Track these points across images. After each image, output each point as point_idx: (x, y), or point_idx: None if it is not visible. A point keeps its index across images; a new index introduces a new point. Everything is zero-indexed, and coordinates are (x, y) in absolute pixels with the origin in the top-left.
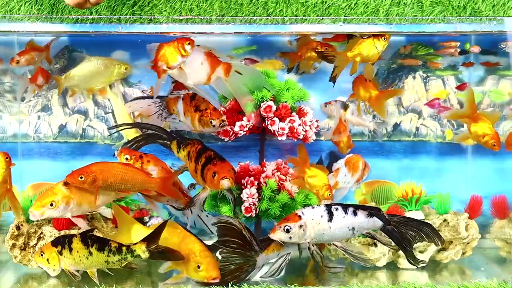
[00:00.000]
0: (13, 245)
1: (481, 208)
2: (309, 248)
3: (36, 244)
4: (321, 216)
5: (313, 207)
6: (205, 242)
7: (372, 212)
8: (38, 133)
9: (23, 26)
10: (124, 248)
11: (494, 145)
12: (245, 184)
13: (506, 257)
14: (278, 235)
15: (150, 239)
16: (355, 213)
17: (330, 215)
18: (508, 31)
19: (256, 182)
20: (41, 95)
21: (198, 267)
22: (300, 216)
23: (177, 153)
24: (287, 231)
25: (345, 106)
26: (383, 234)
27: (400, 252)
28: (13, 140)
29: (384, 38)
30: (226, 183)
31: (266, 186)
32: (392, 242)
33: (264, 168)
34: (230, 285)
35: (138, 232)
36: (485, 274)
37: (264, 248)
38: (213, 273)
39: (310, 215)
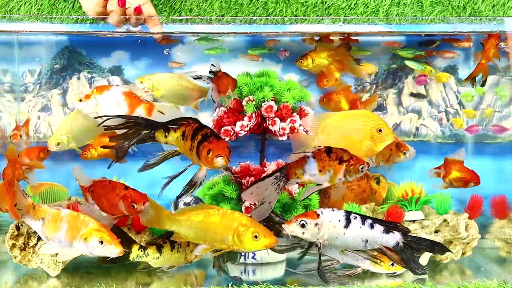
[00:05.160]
0: (13, 245)
1: (481, 208)
2: (319, 249)
3: (36, 244)
4: (339, 221)
5: (333, 210)
6: None
7: (390, 226)
8: (38, 133)
9: (23, 26)
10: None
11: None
12: (246, 184)
13: (506, 257)
14: (292, 227)
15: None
16: (372, 226)
17: (348, 222)
18: (508, 31)
19: None
20: (41, 95)
21: (256, 236)
22: (318, 215)
23: (165, 138)
24: (303, 225)
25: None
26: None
27: None
28: (13, 140)
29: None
30: (220, 161)
31: None
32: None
33: (265, 168)
34: (230, 285)
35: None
36: (485, 274)
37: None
38: (273, 238)
39: (328, 217)
